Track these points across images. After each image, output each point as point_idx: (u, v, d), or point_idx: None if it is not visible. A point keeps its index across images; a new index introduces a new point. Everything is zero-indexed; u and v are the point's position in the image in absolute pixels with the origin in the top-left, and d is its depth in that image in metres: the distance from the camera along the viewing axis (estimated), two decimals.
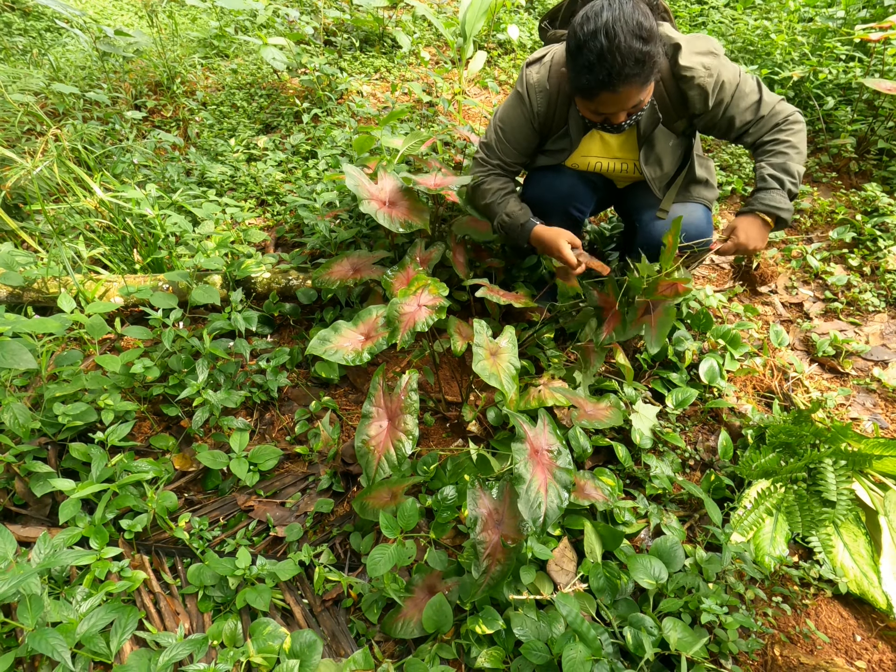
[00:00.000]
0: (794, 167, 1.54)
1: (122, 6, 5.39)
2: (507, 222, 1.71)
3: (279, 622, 1.33)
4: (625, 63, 1.30)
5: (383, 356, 2.04)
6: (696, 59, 1.48)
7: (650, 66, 1.34)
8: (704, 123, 1.61)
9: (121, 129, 3.14)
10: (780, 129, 1.57)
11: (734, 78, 1.52)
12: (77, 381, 1.62)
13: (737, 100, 1.54)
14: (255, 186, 2.73)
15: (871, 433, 1.68)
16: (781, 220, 1.57)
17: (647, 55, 1.31)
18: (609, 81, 1.33)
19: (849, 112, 2.53)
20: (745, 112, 1.56)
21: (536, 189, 1.80)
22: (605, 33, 1.29)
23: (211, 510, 1.61)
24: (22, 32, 4.61)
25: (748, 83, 1.55)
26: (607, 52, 1.29)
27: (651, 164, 1.66)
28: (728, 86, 1.51)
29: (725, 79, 1.50)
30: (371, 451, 1.33)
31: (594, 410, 1.62)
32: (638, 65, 1.31)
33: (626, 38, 1.28)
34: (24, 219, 2.41)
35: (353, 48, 3.88)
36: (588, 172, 1.77)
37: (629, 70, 1.31)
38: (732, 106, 1.54)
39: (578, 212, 1.81)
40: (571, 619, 1.18)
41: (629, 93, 1.38)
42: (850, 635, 1.34)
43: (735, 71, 1.53)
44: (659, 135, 1.61)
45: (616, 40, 1.28)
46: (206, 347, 1.74)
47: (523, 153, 1.73)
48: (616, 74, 1.32)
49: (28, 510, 1.55)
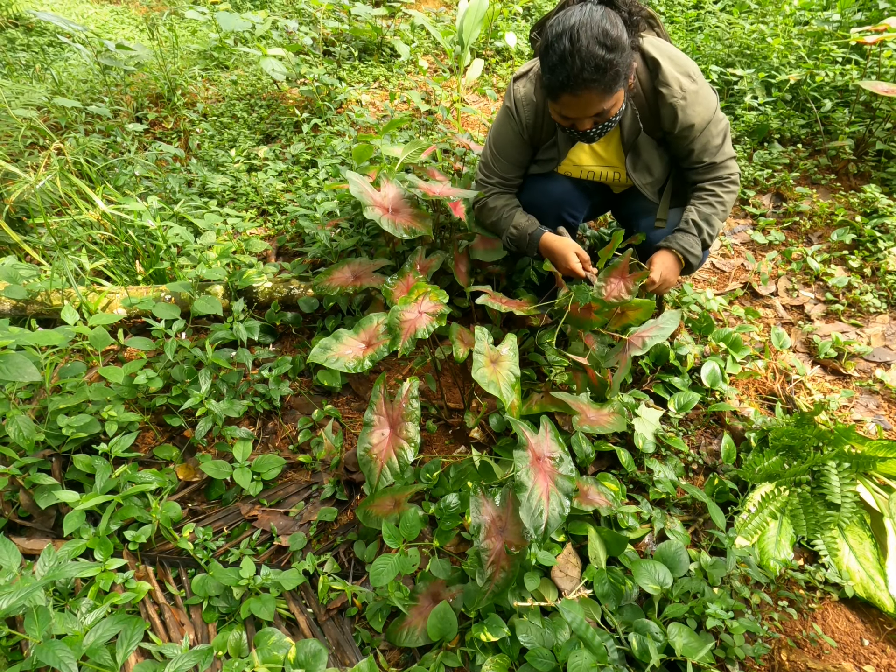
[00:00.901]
0: (716, 222, 1.64)
1: (123, 20, 5.45)
2: (516, 234, 1.74)
3: (284, 632, 1.33)
4: (584, 67, 1.32)
5: (385, 364, 2.04)
6: (675, 78, 1.50)
7: (612, 75, 1.35)
8: (670, 141, 1.63)
9: (122, 141, 3.16)
10: (720, 183, 1.64)
11: (707, 114, 1.54)
12: (80, 392, 1.63)
13: (704, 136, 1.57)
14: (255, 196, 2.75)
15: (875, 435, 1.68)
16: (689, 265, 1.66)
17: (609, 63, 1.32)
18: (568, 83, 1.36)
19: (846, 114, 2.53)
20: (704, 152, 1.60)
21: (529, 195, 1.82)
22: (570, 36, 1.32)
23: (215, 520, 1.61)
24: (25, 48, 4.66)
25: (718, 125, 1.58)
26: (568, 55, 1.32)
27: (639, 171, 1.68)
28: (700, 120, 1.54)
29: (698, 111, 1.53)
30: (373, 460, 1.33)
31: (597, 416, 1.62)
32: (598, 71, 1.33)
33: (588, 43, 1.31)
34: (28, 232, 2.43)
35: (351, 58, 3.91)
36: (581, 179, 1.78)
37: (588, 75, 1.33)
38: (697, 140, 1.58)
39: (572, 217, 1.82)
40: (576, 625, 1.18)
41: (589, 98, 1.39)
42: (857, 639, 1.33)
43: (711, 107, 1.55)
44: (643, 143, 1.63)
45: (578, 44, 1.31)
46: (209, 357, 1.75)
47: (519, 166, 1.77)
48: (574, 77, 1.34)
49: (32, 522, 1.55)
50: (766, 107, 2.74)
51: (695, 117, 1.53)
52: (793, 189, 2.45)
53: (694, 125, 1.54)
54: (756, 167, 2.56)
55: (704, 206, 1.63)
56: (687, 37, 3.41)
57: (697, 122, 1.54)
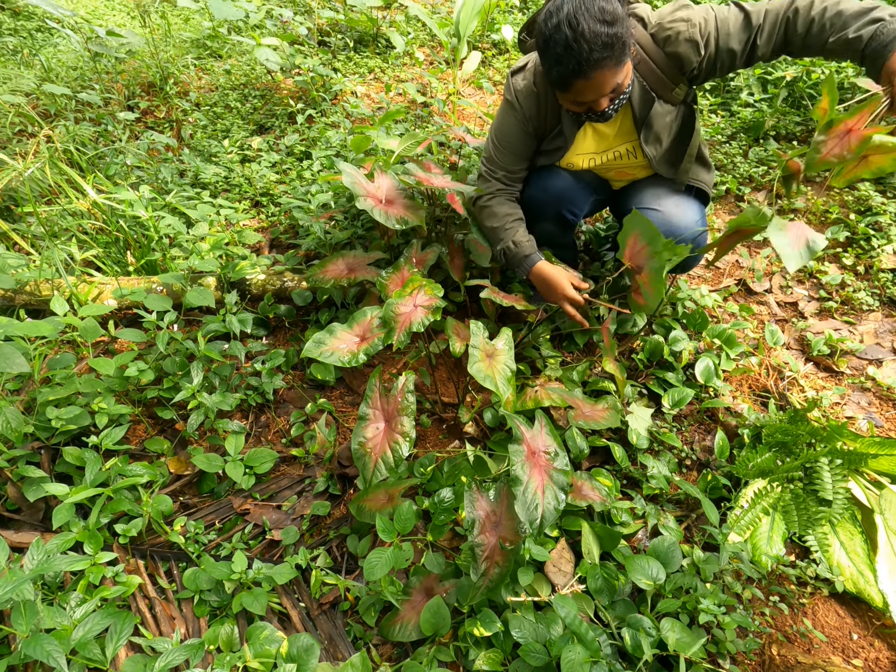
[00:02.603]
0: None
1: (114, 6, 5.36)
2: (512, 251, 1.72)
3: (276, 626, 1.33)
4: (592, 49, 1.31)
5: (379, 358, 2.03)
6: (671, 18, 1.48)
7: (619, 47, 1.34)
8: (706, 71, 1.55)
9: (113, 130, 3.12)
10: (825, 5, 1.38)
11: (709, 13, 1.48)
12: (70, 384, 1.60)
13: (723, 29, 1.47)
14: (249, 188, 2.72)
15: (867, 432, 1.69)
16: None
17: (615, 37, 1.31)
18: (580, 69, 1.34)
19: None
20: (740, 32, 1.47)
21: (530, 190, 1.80)
22: (569, 24, 1.31)
23: (206, 514, 1.60)
24: (12, 32, 4.57)
25: (724, 9, 1.48)
26: (573, 42, 1.31)
27: (651, 144, 1.66)
28: (707, 23, 1.48)
29: (703, 18, 1.48)
30: (368, 454, 1.32)
31: (591, 411, 1.62)
32: (606, 48, 1.32)
33: (589, 24, 1.29)
34: (16, 221, 2.39)
35: (347, 49, 3.87)
36: (583, 174, 1.77)
37: (598, 55, 1.32)
38: (722, 36, 1.48)
39: (572, 214, 1.81)
40: (569, 620, 1.18)
41: (603, 77, 1.37)
42: (846, 634, 1.34)
43: (707, 7, 1.49)
44: (656, 113, 1.60)
45: (580, 28, 1.29)
46: (201, 350, 1.73)
47: (524, 158, 1.74)
48: (585, 61, 1.32)
49: (21, 515, 1.53)
50: (762, 103, 2.74)
51: (706, 23, 1.47)
52: None
53: (708, 28, 1.46)
54: (752, 164, 2.56)
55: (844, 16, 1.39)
56: None
57: (710, 24, 1.47)
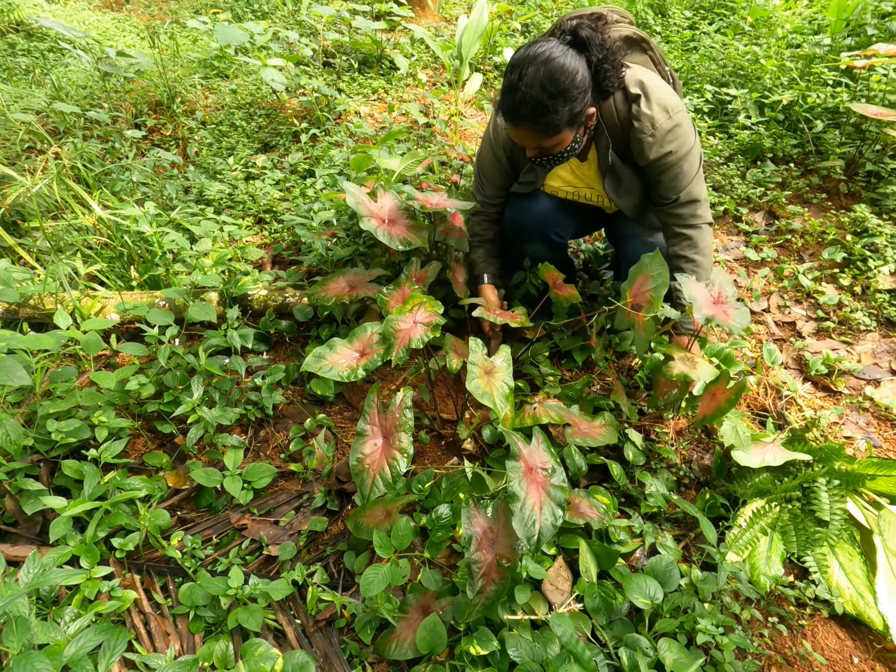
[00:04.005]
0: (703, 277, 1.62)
1: (125, 28, 5.48)
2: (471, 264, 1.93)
3: (271, 643, 1.32)
4: (521, 105, 1.35)
5: (379, 374, 2.04)
6: (648, 115, 1.47)
7: (550, 120, 1.35)
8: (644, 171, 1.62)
9: (120, 147, 3.17)
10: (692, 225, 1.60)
11: (679, 151, 1.51)
12: (71, 397, 1.61)
13: (672, 172, 1.54)
14: (252, 205, 2.76)
15: (865, 452, 1.69)
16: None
17: (546, 108, 1.33)
18: (507, 113, 1.40)
19: (837, 135, 2.58)
20: (671, 189, 1.57)
21: (513, 213, 1.86)
22: (520, 71, 1.34)
23: (204, 528, 1.59)
24: (25, 53, 4.67)
25: (690, 166, 1.54)
26: (513, 88, 1.35)
27: (623, 196, 1.68)
28: (670, 158, 1.51)
29: (668, 148, 1.49)
30: (366, 470, 1.33)
31: (588, 428, 1.62)
32: (535, 112, 1.34)
33: (532, 83, 1.32)
34: (23, 235, 2.42)
35: (351, 70, 3.95)
36: (567, 198, 1.81)
37: (525, 113, 1.36)
38: (665, 174, 1.55)
39: (557, 236, 1.84)
40: (566, 639, 1.17)
41: (526, 133, 1.42)
42: (847, 657, 1.33)
43: (684, 145, 1.51)
44: (620, 168, 1.62)
45: (523, 81, 1.33)
46: (202, 364, 1.74)
47: (501, 188, 1.83)
48: (512, 111, 1.38)
49: (18, 528, 1.53)
50: (760, 126, 2.78)
51: (663, 154, 1.50)
52: (785, 207, 2.48)
53: (662, 162, 1.52)
54: (749, 185, 2.59)
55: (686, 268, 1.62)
56: (682, 56, 3.47)
57: (667, 159, 1.51)
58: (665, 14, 4.02)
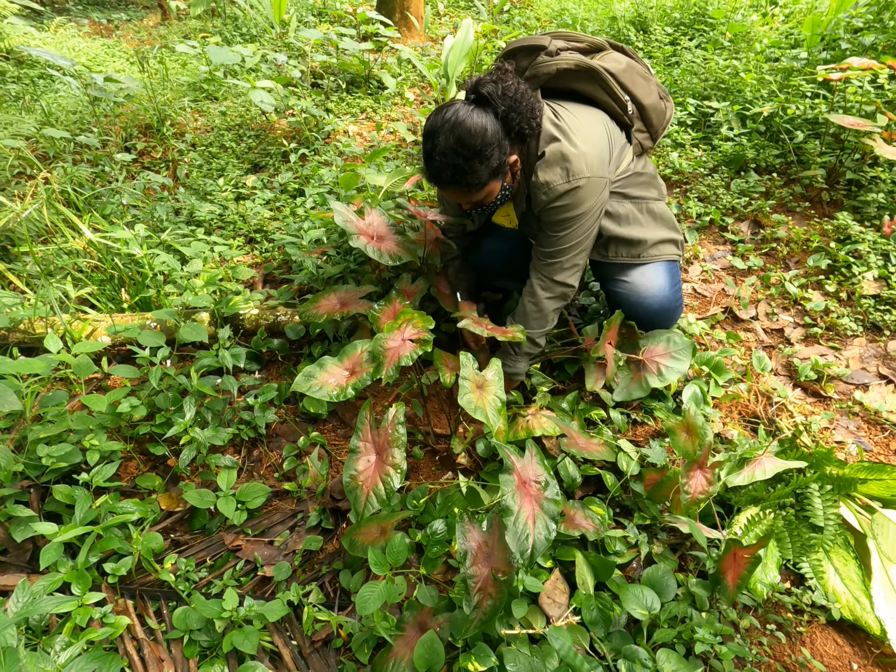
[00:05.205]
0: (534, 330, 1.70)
1: (115, 53, 5.53)
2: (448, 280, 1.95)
3: (267, 665, 1.30)
4: (441, 171, 1.40)
5: (371, 390, 2.04)
6: (542, 179, 1.48)
7: (471, 178, 1.40)
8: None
9: (110, 170, 3.19)
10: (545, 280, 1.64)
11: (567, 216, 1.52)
12: (62, 421, 1.60)
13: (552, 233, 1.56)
14: (243, 225, 2.77)
15: (856, 456, 1.70)
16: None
17: (463, 171, 1.38)
18: (431, 179, 1.46)
19: (817, 145, 2.63)
20: (542, 244, 1.61)
21: (475, 255, 1.92)
22: (433, 140, 1.39)
23: (198, 551, 1.58)
24: (15, 80, 4.70)
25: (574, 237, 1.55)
26: (429, 157, 1.41)
27: (538, 237, 1.68)
28: (554, 217, 1.53)
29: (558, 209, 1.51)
30: (359, 487, 1.32)
31: (586, 444, 1.62)
32: (455, 175, 1.39)
33: (445, 151, 1.37)
34: (12, 260, 2.42)
35: (339, 90, 4.00)
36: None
37: (445, 178, 1.41)
38: (543, 230, 1.59)
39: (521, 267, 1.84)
40: (564, 653, 1.16)
41: (453, 193, 1.48)
42: (846, 663, 1.32)
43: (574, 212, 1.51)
44: (529, 212, 1.64)
45: (436, 150, 1.38)
46: (194, 385, 1.74)
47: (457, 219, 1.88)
48: (435, 177, 1.43)
49: (7, 557, 1.51)
50: (742, 137, 2.83)
51: (549, 213, 1.53)
52: (769, 216, 2.52)
53: (549, 219, 1.54)
54: (734, 195, 2.64)
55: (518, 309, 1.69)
56: (665, 71, 3.54)
57: (552, 217, 1.53)
58: (647, 31, 4.11)
